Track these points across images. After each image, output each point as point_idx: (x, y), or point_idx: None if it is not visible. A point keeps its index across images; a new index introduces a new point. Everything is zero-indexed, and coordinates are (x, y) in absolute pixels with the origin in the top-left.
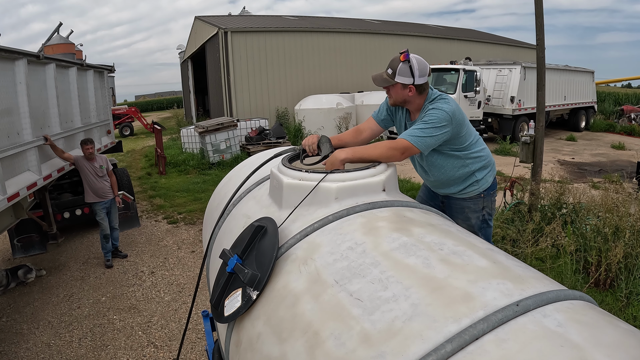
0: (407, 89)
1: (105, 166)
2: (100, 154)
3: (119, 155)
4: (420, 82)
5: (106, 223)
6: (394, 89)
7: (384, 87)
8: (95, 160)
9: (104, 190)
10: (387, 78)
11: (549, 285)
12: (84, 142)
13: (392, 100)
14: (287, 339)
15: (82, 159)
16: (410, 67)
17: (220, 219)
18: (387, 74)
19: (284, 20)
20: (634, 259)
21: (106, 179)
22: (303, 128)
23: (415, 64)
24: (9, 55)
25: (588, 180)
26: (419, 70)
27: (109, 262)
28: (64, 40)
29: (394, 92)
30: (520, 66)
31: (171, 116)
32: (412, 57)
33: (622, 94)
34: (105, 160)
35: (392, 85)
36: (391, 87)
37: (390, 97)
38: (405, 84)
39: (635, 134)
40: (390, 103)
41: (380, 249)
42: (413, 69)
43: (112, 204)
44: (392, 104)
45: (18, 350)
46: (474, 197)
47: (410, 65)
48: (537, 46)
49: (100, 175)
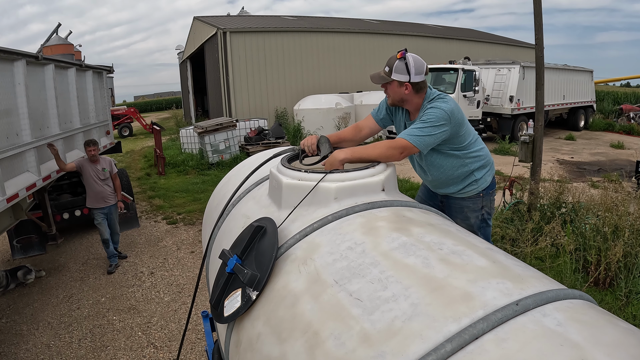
0: (403, 86)
1: (109, 169)
2: (105, 156)
3: (118, 156)
4: (417, 80)
5: (104, 228)
6: (391, 87)
7: (381, 86)
8: (99, 163)
9: (104, 194)
10: (384, 76)
11: (549, 284)
12: (87, 144)
13: (391, 100)
14: (286, 339)
15: (85, 161)
16: (406, 64)
17: (220, 219)
18: (384, 71)
19: (282, 20)
20: (634, 258)
21: (109, 183)
22: (302, 128)
23: (411, 61)
24: (7, 56)
25: (587, 180)
26: (415, 68)
27: (111, 267)
28: (63, 40)
29: (391, 90)
30: (519, 66)
31: (170, 116)
32: (408, 55)
33: (621, 93)
34: (110, 163)
35: (389, 83)
36: (388, 86)
37: (388, 96)
38: (401, 81)
39: (634, 133)
40: (389, 103)
41: (379, 248)
42: (409, 66)
43: (114, 209)
44: (391, 104)
45: (18, 351)
46: (472, 197)
47: (406, 63)
48: (536, 45)
49: (102, 179)
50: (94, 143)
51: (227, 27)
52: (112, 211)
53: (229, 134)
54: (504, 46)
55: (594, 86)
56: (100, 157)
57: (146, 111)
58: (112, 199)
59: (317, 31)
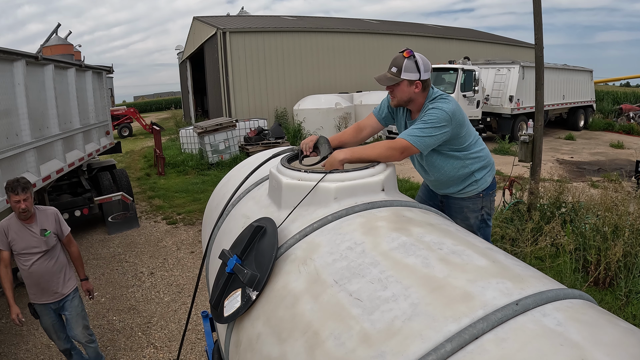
0: (413, 85)
1: (55, 229)
2: (47, 208)
3: (118, 156)
4: (426, 78)
5: (56, 335)
6: (400, 87)
7: (387, 88)
8: (35, 221)
9: (50, 280)
10: (393, 76)
11: (549, 284)
12: (11, 188)
13: (396, 101)
14: (286, 339)
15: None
16: (415, 62)
17: (220, 219)
18: (392, 72)
19: (282, 20)
20: (633, 257)
21: (57, 256)
22: (302, 128)
23: (419, 59)
24: (7, 57)
25: (587, 179)
26: (424, 66)
27: None
28: (63, 41)
29: (399, 90)
30: (519, 65)
31: (170, 117)
32: (415, 53)
33: (621, 92)
34: (55, 218)
35: (398, 84)
36: (396, 87)
37: (394, 97)
38: (412, 79)
39: (634, 132)
40: (394, 104)
41: (379, 248)
42: (418, 64)
43: (72, 301)
44: (396, 105)
45: (18, 351)
46: (472, 197)
47: (415, 61)
48: (536, 45)
49: (44, 250)
50: (23, 188)
51: (227, 27)
52: (69, 306)
53: (228, 134)
54: (504, 46)
55: (594, 86)
56: (39, 210)
57: (146, 111)
58: (68, 283)
59: (317, 31)
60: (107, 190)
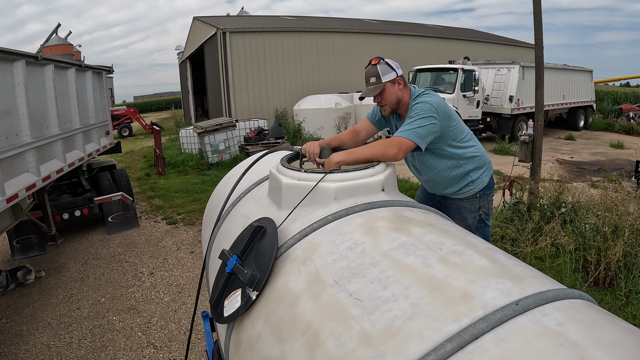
0: (396, 83)
1: None
2: None
3: (118, 156)
4: (401, 73)
5: None
6: (385, 92)
7: (374, 99)
8: None
9: None
10: (376, 85)
11: (549, 284)
12: None
13: (388, 107)
14: (286, 339)
15: None
16: (387, 63)
17: (220, 219)
18: (373, 82)
19: (282, 20)
20: (633, 257)
21: None
22: (302, 128)
23: (388, 60)
24: (7, 57)
25: (587, 179)
26: (394, 64)
27: None
28: (63, 41)
29: (386, 95)
30: (519, 65)
31: (170, 117)
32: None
33: (621, 92)
34: None
35: (383, 90)
36: (382, 93)
37: (384, 105)
38: (392, 79)
39: (634, 132)
40: (387, 113)
41: (379, 248)
42: (390, 64)
43: None
44: (389, 113)
45: (17, 351)
46: (470, 197)
47: (386, 62)
48: (536, 45)
49: None
50: None
51: (227, 27)
52: None
53: (228, 134)
54: (504, 46)
55: (594, 86)
56: None
57: (146, 111)
58: None
59: (317, 31)
60: (107, 190)
